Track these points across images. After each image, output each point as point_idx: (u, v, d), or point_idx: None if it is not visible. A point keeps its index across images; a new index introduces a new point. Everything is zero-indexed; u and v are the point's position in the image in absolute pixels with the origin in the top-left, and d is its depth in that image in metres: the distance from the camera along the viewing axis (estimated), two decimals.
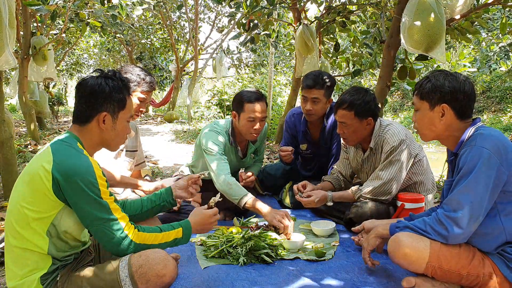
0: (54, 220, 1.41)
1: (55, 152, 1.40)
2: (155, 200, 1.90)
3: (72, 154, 1.41)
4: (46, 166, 1.37)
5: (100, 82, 1.51)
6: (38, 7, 3.45)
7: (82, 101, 1.50)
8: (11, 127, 3.42)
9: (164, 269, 1.53)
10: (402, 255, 1.60)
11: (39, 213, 1.39)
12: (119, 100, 1.54)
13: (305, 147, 3.18)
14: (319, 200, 2.39)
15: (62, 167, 1.37)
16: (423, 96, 1.67)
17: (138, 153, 2.53)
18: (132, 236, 1.50)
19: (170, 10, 10.60)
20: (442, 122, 1.64)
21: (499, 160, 1.48)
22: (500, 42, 7.85)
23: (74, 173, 1.37)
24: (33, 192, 1.39)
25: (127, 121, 1.61)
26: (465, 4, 2.93)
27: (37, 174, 1.38)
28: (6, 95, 8.55)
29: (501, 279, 1.55)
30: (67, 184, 1.37)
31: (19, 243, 1.41)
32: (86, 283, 1.46)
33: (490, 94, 13.10)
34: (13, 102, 13.19)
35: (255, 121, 2.61)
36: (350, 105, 2.30)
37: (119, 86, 1.54)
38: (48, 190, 1.37)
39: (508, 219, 1.54)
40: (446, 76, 1.63)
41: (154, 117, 13.56)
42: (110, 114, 1.53)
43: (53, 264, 1.45)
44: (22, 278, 1.42)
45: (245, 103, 2.60)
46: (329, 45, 5.55)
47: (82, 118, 1.52)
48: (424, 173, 2.46)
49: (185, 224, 1.67)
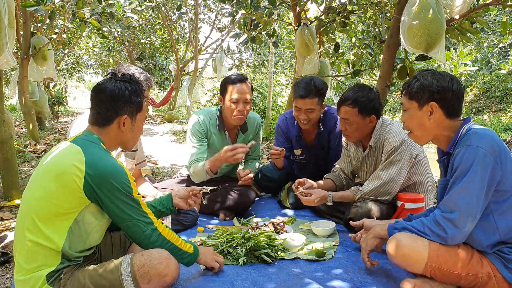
0: (78, 216, 1.46)
1: (86, 153, 1.46)
2: (155, 206, 1.94)
3: (102, 156, 1.49)
4: (80, 166, 1.43)
5: (120, 86, 1.58)
6: (35, 7, 3.45)
7: (102, 105, 1.57)
8: (11, 127, 3.42)
9: (166, 268, 1.54)
10: (401, 256, 1.60)
11: (65, 209, 1.44)
12: (137, 103, 1.62)
13: (300, 152, 3.11)
14: (319, 199, 2.39)
15: (96, 168, 1.44)
16: (411, 96, 1.68)
17: (138, 152, 2.53)
18: (161, 230, 1.59)
19: (170, 10, 10.61)
20: (431, 121, 1.64)
21: (494, 159, 1.48)
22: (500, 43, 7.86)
23: (108, 174, 1.45)
24: (62, 189, 1.43)
25: (142, 122, 1.70)
26: (464, 4, 2.93)
27: (68, 172, 1.43)
28: (6, 95, 8.56)
29: (499, 279, 1.55)
30: (102, 185, 1.44)
31: (35, 237, 1.43)
32: (88, 281, 1.47)
33: (490, 94, 13.10)
34: (13, 102, 13.20)
35: (238, 102, 2.66)
36: (354, 102, 2.29)
37: (137, 89, 1.63)
38: (79, 188, 1.42)
39: (502, 218, 1.55)
40: (434, 75, 1.64)
41: (154, 117, 13.57)
42: (129, 117, 1.61)
43: (61, 263, 1.46)
44: (29, 273, 1.44)
45: (228, 85, 2.67)
46: (329, 45, 5.55)
47: (103, 121, 1.58)
48: (424, 173, 2.46)
49: (195, 251, 1.74)
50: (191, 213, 2.57)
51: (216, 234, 2.28)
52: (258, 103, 10.91)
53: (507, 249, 1.56)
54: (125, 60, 14.39)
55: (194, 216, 2.59)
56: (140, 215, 1.54)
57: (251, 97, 2.72)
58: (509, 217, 1.54)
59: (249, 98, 2.70)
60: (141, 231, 1.55)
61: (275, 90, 11.12)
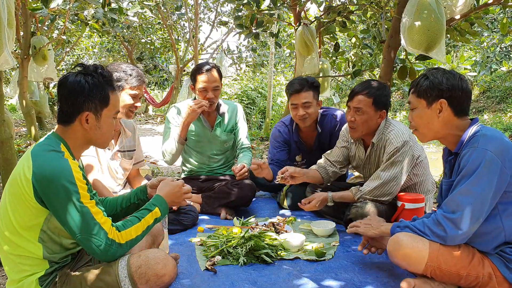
0: (43, 226, 1.38)
1: (34, 157, 1.36)
2: (130, 199, 1.82)
3: (50, 158, 1.36)
4: (26, 172, 1.33)
5: (79, 80, 1.44)
6: (41, 10, 3.49)
7: (63, 100, 1.44)
8: (11, 127, 3.42)
9: (164, 269, 1.53)
10: (401, 255, 1.60)
11: (25, 222, 1.36)
12: (101, 97, 1.47)
13: (300, 158, 3.08)
14: (320, 202, 2.39)
15: (40, 172, 1.32)
16: (420, 94, 1.66)
17: (136, 152, 2.51)
18: (117, 239, 1.44)
19: (170, 10, 10.60)
20: (440, 119, 1.63)
21: (502, 162, 1.47)
22: (502, 43, 7.84)
23: (52, 177, 1.32)
24: (16, 200, 1.36)
25: (113, 118, 1.55)
26: (465, 4, 2.93)
27: (18, 181, 1.34)
28: (6, 95, 8.55)
29: (500, 279, 1.55)
30: (46, 190, 1.32)
31: (13, 250, 1.39)
32: (85, 284, 1.46)
33: (490, 94, 13.08)
34: (13, 102, 13.17)
35: (206, 90, 2.78)
36: (370, 92, 2.29)
37: (100, 82, 1.47)
38: (30, 197, 1.34)
39: (508, 220, 1.54)
40: (444, 73, 1.63)
41: (154, 117, 13.56)
42: (92, 113, 1.46)
43: (50, 267, 1.45)
44: (19, 281, 1.42)
45: (196, 75, 2.79)
46: (329, 45, 5.55)
47: (65, 118, 1.46)
48: (424, 174, 2.46)
49: (159, 201, 1.62)
50: (191, 213, 2.56)
51: (216, 234, 2.27)
52: (258, 103, 10.91)
53: (510, 249, 1.55)
54: (125, 60, 14.39)
55: (194, 216, 2.59)
56: (90, 228, 1.36)
57: (220, 83, 2.84)
58: None
59: (218, 85, 2.82)
60: (95, 246, 1.38)
61: (275, 90, 11.12)
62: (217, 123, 2.95)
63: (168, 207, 1.67)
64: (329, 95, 5.29)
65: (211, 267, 1.89)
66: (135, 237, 1.51)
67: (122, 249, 1.46)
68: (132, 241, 1.50)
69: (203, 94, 2.79)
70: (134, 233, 1.50)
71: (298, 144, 3.02)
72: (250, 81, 12.93)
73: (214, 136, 2.97)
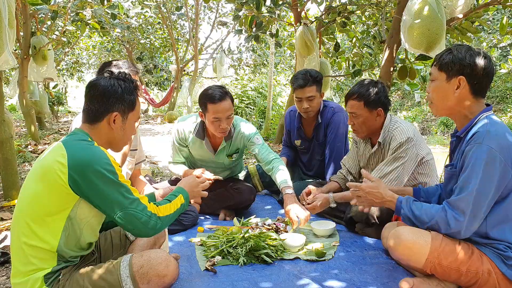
0: (71, 212, 1.43)
1: (67, 146, 1.43)
2: None
3: (84, 146, 1.44)
4: (62, 160, 1.39)
5: (113, 83, 1.56)
6: (41, 6, 3.49)
7: (94, 100, 1.54)
8: (11, 127, 3.43)
9: (166, 269, 1.53)
10: (402, 249, 1.61)
11: (55, 207, 1.41)
12: (129, 101, 1.59)
13: (299, 143, 3.26)
14: (321, 204, 2.39)
15: (76, 159, 1.39)
16: (441, 67, 1.65)
17: (138, 151, 2.53)
18: (156, 212, 1.53)
19: (170, 10, 10.61)
20: (456, 95, 1.61)
21: (505, 160, 1.48)
22: (501, 43, 7.85)
23: (90, 162, 1.40)
24: (48, 187, 1.40)
25: (134, 122, 1.66)
26: (465, 4, 2.93)
27: (52, 169, 1.39)
28: (6, 95, 8.56)
29: (499, 276, 1.56)
30: (84, 175, 1.39)
31: (28, 239, 1.41)
32: (87, 283, 1.46)
33: (490, 94, 13.07)
34: (13, 102, 13.18)
35: (220, 120, 2.52)
36: (359, 95, 2.30)
37: (131, 88, 1.60)
38: (64, 184, 1.39)
39: (491, 212, 1.56)
40: (468, 50, 1.61)
41: (154, 117, 13.56)
42: (120, 115, 1.57)
43: (57, 264, 1.45)
44: (26, 275, 1.43)
45: (208, 104, 2.50)
46: (329, 45, 5.55)
47: (93, 117, 1.55)
48: (429, 174, 2.43)
49: (180, 190, 1.74)
50: (191, 213, 2.56)
51: (216, 234, 2.27)
52: (258, 103, 10.90)
53: (503, 246, 1.56)
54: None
55: (194, 216, 2.59)
56: (131, 201, 1.46)
57: (232, 111, 2.57)
58: (498, 211, 1.55)
59: (232, 113, 2.57)
60: (136, 219, 1.46)
61: (275, 90, 11.10)
62: (221, 149, 2.78)
63: (189, 196, 1.76)
64: (329, 95, 5.29)
65: (211, 267, 1.89)
66: (172, 214, 1.60)
67: (161, 222, 1.53)
68: (168, 217, 1.58)
69: (215, 124, 2.54)
70: (169, 210, 1.59)
71: (298, 130, 3.22)
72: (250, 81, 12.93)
73: (217, 159, 2.87)
